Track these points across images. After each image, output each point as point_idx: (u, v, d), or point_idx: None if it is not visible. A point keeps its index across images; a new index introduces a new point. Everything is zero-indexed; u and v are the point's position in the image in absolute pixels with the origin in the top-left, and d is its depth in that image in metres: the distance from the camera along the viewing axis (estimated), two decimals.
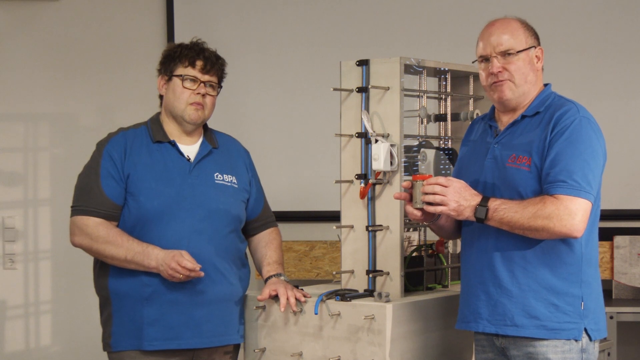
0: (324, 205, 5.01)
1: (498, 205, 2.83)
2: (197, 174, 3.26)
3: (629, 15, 4.95)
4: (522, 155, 2.89)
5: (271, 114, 5.18)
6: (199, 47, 3.31)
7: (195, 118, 3.27)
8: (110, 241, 3.17)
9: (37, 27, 5.26)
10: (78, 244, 3.24)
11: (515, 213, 2.81)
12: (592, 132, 2.85)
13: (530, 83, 2.95)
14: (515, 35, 2.96)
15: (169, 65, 3.29)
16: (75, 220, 3.22)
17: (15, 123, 5.28)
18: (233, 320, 3.28)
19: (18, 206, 5.25)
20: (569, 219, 2.77)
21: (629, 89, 4.95)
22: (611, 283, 4.85)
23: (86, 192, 3.22)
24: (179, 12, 5.22)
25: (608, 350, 4.41)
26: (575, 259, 2.87)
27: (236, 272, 3.31)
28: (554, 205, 2.77)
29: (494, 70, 2.96)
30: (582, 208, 2.79)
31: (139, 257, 3.14)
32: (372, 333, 3.02)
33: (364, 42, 5.06)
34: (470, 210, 2.85)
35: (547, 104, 2.94)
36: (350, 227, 3.27)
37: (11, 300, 5.26)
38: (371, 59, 3.22)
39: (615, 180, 4.95)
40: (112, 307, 3.23)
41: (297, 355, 3.17)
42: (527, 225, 2.80)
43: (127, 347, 3.20)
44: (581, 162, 2.80)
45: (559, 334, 2.86)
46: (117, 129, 3.33)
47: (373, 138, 3.17)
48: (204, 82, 3.28)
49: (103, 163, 3.22)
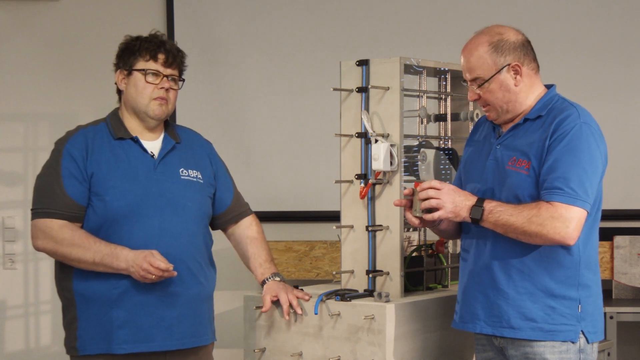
0: (324, 205, 5.00)
1: (494, 207, 2.83)
2: (162, 170, 3.17)
3: (629, 15, 4.95)
4: (521, 159, 2.88)
5: (271, 113, 5.18)
6: (159, 39, 3.21)
7: (160, 113, 3.18)
8: (76, 244, 3.06)
9: (37, 27, 5.26)
10: (41, 248, 3.13)
11: (510, 216, 2.80)
12: (592, 139, 2.83)
13: (512, 101, 2.92)
14: (482, 62, 2.90)
15: (128, 59, 3.19)
16: (37, 224, 3.12)
17: (15, 123, 5.28)
18: (204, 320, 3.23)
19: (18, 206, 5.25)
20: (563, 227, 2.76)
21: (629, 89, 4.95)
22: (611, 283, 4.85)
23: (47, 193, 3.12)
24: (179, 12, 5.22)
25: (608, 350, 4.41)
26: (573, 263, 2.87)
27: (205, 270, 3.24)
28: (548, 212, 2.77)
29: (469, 98, 2.98)
30: (577, 216, 2.78)
31: (107, 259, 3.04)
32: (372, 333, 3.01)
33: (364, 42, 5.06)
34: (466, 210, 2.85)
35: (549, 107, 2.92)
36: (350, 227, 3.27)
37: (11, 300, 5.26)
38: (371, 59, 3.22)
39: (615, 180, 4.95)
40: (76, 309, 3.12)
41: (297, 355, 3.17)
42: (521, 230, 2.79)
43: (95, 350, 3.10)
44: (579, 170, 2.79)
45: (556, 336, 2.86)
46: (76, 127, 3.24)
47: (373, 138, 3.17)
48: (167, 75, 3.19)
49: (64, 163, 3.13)
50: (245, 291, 3.49)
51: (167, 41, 3.23)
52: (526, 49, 2.93)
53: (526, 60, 2.92)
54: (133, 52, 3.19)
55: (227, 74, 5.13)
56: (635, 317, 4.60)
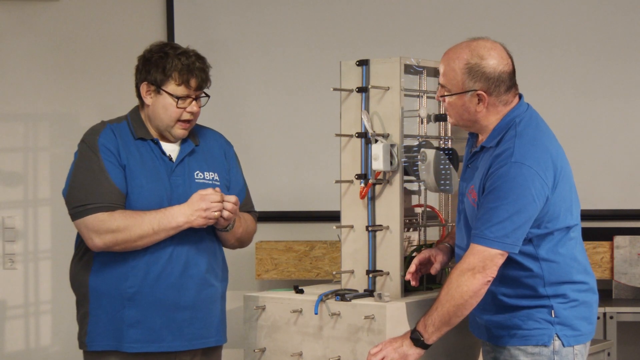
0: (324, 205, 5.01)
1: (424, 320, 2.87)
2: (178, 174, 3.20)
3: (629, 15, 4.95)
4: (474, 190, 2.90)
5: (271, 113, 5.18)
6: (191, 62, 3.18)
7: (182, 135, 3.22)
8: (130, 225, 3.06)
9: (37, 27, 5.26)
10: (102, 245, 3.09)
11: (436, 310, 2.84)
12: (520, 178, 2.77)
13: (470, 120, 2.92)
14: (453, 75, 2.89)
15: (157, 76, 3.17)
16: (87, 222, 3.09)
17: (15, 123, 5.28)
18: (215, 322, 3.26)
19: (18, 206, 5.25)
20: (468, 280, 2.79)
21: (629, 89, 4.95)
22: (611, 283, 4.85)
23: (92, 188, 3.10)
24: (179, 12, 5.22)
25: (608, 350, 4.41)
26: (537, 282, 2.88)
27: (218, 272, 3.28)
28: (452, 275, 2.82)
29: (436, 97, 3.00)
30: (484, 257, 2.78)
31: (164, 222, 3.07)
32: (372, 333, 3.01)
33: (364, 42, 5.06)
34: (408, 345, 2.88)
35: (498, 138, 2.89)
36: (350, 227, 3.27)
37: (11, 300, 5.26)
38: (371, 59, 3.22)
39: (615, 180, 4.96)
40: (89, 304, 3.15)
41: (297, 355, 3.17)
42: (453, 310, 2.82)
43: (105, 347, 3.14)
44: (498, 212, 2.77)
45: (529, 340, 2.89)
46: (100, 122, 3.25)
47: (373, 138, 3.17)
48: (195, 98, 3.20)
49: (103, 155, 3.13)
50: (245, 291, 3.50)
51: (198, 62, 3.20)
52: (500, 80, 2.87)
53: (496, 91, 2.87)
54: (164, 72, 3.16)
55: (227, 74, 5.13)
56: (635, 317, 4.60)
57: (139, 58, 3.26)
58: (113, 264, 3.14)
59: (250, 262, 5.04)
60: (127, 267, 3.13)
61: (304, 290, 3.32)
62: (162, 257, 3.14)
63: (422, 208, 3.36)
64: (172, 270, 3.15)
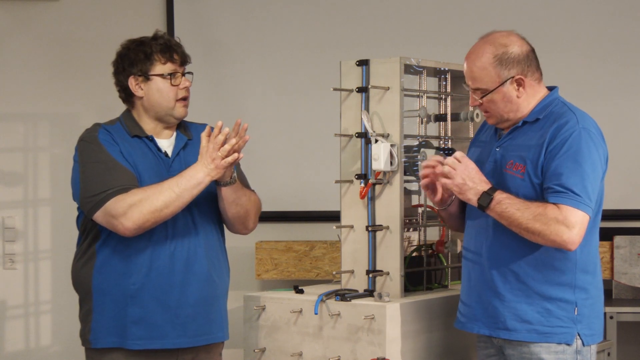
0: (324, 205, 5.00)
1: (503, 198, 2.83)
2: (176, 169, 3.19)
3: (629, 15, 4.95)
4: (518, 163, 2.89)
5: (271, 113, 5.18)
6: (167, 40, 3.22)
7: (185, 113, 3.24)
8: (150, 194, 3.04)
9: (37, 27, 5.26)
10: (132, 225, 3.03)
11: (517, 210, 2.81)
12: (592, 143, 2.84)
13: (513, 111, 2.93)
14: (485, 73, 2.90)
15: (142, 65, 3.19)
16: (108, 208, 3.05)
17: (15, 123, 5.28)
18: (218, 318, 3.25)
19: (18, 206, 5.25)
20: (566, 230, 2.77)
21: (629, 89, 4.95)
22: (611, 283, 4.85)
23: (105, 176, 3.08)
24: (179, 12, 5.21)
25: (608, 350, 4.41)
26: (569, 267, 2.87)
27: (220, 268, 3.27)
28: (554, 214, 2.77)
29: (471, 104, 2.99)
30: (580, 221, 2.79)
31: (184, 183, 3.04)
32: (372, 333, 3.02)
33: (364, 42, 5.06)
34: (474, 193, 2.86)
35: (548, 111, 2.92)
36: (350, 227, 3.27)
37: (11, 300, 5.26)
38: (371, 59, 3.22)
39: (615, 180, 4.94)
40: (93, 302, 3.16)
41: (297, 355, 3.17)
42: (524, 226, 2.80)
43: (109, 344, 3.14)
44: (581, 175, 2.80)
45: (551, 338, 2.87)
46: (93, 124, 3.25)
47: (373, 138, 3.17)
48: (183, 74, 3.23)
49: (106, 148, 3.14)
50: (245, 291, 3.50)
51: (172, 39, 3.25)
52: (529, 60, 2.93)
53: (529, 71, 2.93)
54: (147, 57, 3.19)
55: (227, 74, 5.13)
56: (635, 317, 4.60)
57: (113, 63, 3.29)
58: (116, 262, 3.15)
59: (250, 262, 5.03)
60: (130, 264, 3.13)
61: (304, 290, 3.32)
62: (164, 254, 3.14)
63: (422, 208, 3.37)
64: (175, 267, 3.15)
